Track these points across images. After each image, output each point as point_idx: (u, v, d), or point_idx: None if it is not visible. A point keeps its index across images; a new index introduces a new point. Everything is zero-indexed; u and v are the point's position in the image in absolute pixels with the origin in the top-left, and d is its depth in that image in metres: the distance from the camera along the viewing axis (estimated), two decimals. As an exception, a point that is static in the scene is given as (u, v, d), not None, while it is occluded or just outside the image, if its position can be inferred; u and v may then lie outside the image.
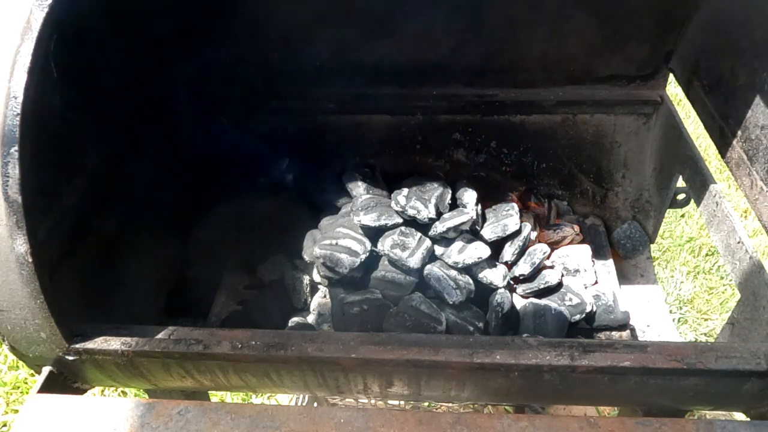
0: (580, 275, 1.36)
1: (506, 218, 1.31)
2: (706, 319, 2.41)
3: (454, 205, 1.34)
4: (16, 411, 2.00)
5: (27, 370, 2.12)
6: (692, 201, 1.31)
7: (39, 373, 0.87)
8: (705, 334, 2.36)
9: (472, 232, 1.30)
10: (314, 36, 1.34)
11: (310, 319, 1.32)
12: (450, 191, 1.35)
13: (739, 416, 1.45)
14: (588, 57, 1.37)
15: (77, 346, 0.85)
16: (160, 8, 1.23)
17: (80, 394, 0.93)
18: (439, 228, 1.25)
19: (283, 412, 0.74)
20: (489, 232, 1.30)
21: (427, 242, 1.26)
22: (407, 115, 1.50)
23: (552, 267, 1.34)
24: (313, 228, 1.40)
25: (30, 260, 0.76)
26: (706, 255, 2.65)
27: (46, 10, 0.76)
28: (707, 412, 1.50)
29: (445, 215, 1.28)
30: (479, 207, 1.33)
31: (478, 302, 1.25)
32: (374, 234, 1.28)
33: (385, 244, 1.24)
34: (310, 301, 1.36)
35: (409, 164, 1.56)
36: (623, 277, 1.47)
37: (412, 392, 0.90)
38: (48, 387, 0.86)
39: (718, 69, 1.16)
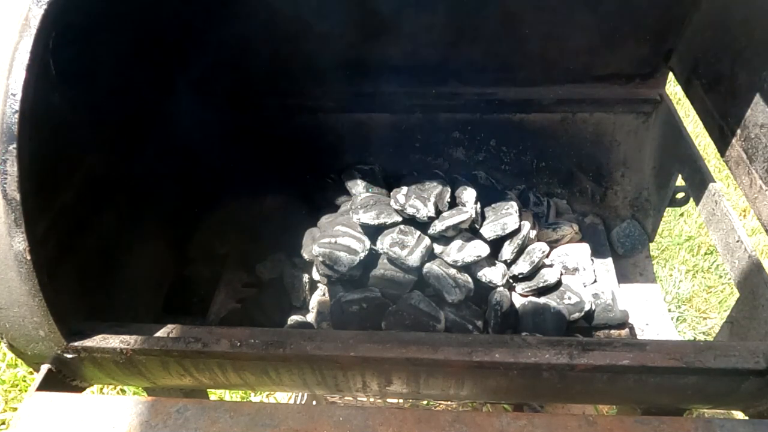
0: (579, 274, 1.36)
1: (505, 217, 1.31)
2: (704, 318, 2.41)
3: (454, 203, 1.34)
4: (15, 409, 2.00)
5: (26, 368, 2.12)
6: (691, 200, 1.31)
7: (37, 371, 0.87)
8: (704, 333, 2.36)
9: (472, 231, 1.30)
10: (314, 35, 1.34)
11: (309, 317, 1.32)
12: (449, 190, 1.35)
13: (738, 415, 1.45)
14: (587, 55, 1.37)
15: (76, 344, 0.85)
16: (160, 7, 1.23)
17: (79, 392, 0.93)
18: (438, 226, 1.25)
19: (281, 410, 0.74)
20: (488, 230, 1.30)
21: (426, 241, 1.25)
22: (407, 114, 1.50)
23: (551, 265, 1.34)
24: (313, 226, 1.40)
25: (28, 258, 0.75)
26: (705, 254, 2.64)
27: (44, 7, 0.75)
28: (706, 410, 1.50)
29: (445, 214, 1.27)
30: (478, 205, 1.33)
31: (477, 301, 1.26)
32: (373, 232, 1.28)
33: (384, 243, 1.24)
34: (309, 300, 1.36)
35: (408, 162, 1.56)
36: (622, 276, 1.46)
37: (411, 390, 0.90)
38: (46, 385, 0.85)
39: (718, 67, 1.16)
